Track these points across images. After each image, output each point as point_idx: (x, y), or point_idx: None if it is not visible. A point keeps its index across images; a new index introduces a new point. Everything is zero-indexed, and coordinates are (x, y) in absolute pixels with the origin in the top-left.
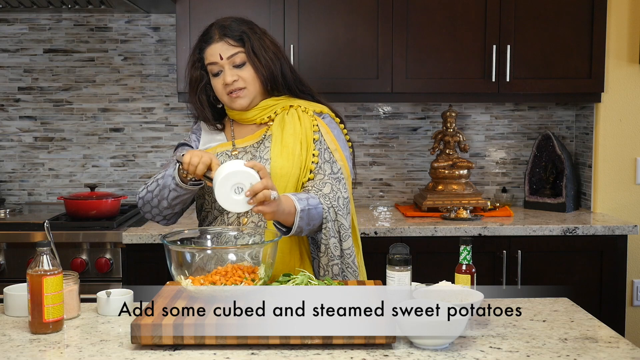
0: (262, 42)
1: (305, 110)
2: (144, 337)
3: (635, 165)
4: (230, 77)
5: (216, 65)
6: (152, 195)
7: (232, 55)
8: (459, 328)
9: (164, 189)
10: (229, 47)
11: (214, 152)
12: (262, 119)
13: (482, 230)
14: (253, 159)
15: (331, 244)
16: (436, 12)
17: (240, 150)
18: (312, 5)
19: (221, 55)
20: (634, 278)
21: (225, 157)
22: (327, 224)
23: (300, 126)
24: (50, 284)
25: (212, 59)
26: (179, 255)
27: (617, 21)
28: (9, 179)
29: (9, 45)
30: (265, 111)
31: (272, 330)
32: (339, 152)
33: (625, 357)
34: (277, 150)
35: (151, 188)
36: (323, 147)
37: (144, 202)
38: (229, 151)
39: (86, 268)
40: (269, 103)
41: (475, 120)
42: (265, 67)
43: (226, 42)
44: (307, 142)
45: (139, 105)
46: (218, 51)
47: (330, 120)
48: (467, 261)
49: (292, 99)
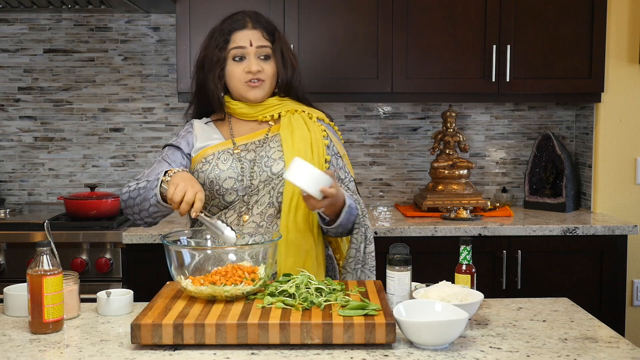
0: (287, 45)
1: (309, 116)
2: (144, 337)
3: (635, 165)
4: (255, 66)
5: (242, 49)
6: (134, 202)
7: (262, 46)
8: (459, 328)
9: (144, 201)
10: (260, 38)
11: (214, 151)
12: (264, 116)
13: (482, 230)
14: (257, 158)
15: (361, 248)
16: (436, 12)
17: (242, 149)
18: (312, 5)
19: (252, 42)
20: (634, 278)
21: (227, 155)
22: (360, 227)
23: (308, 131)
24: (50, 284)
25: (241, 43)
26: (179, 255)
27: (617, 21)
28: (9, 179)
29: (9, 45)
30: (268, 109)
31: (273, 330)
32: (345, 158)
33: (625, 357)
34: (290, 154)
35: (133, 194)
36: (332, 153)
37: (126, 205)
38: (231, 149)
39: (86, 268)
40: (274, 102)
41: (475, 120)
42: (286, 69)
43: (259, 32)
44: (317, 147)
45: (139, 105)
46: (249, 37)
47: (328, 126)
48: (467, 261)
49: (296, 103)
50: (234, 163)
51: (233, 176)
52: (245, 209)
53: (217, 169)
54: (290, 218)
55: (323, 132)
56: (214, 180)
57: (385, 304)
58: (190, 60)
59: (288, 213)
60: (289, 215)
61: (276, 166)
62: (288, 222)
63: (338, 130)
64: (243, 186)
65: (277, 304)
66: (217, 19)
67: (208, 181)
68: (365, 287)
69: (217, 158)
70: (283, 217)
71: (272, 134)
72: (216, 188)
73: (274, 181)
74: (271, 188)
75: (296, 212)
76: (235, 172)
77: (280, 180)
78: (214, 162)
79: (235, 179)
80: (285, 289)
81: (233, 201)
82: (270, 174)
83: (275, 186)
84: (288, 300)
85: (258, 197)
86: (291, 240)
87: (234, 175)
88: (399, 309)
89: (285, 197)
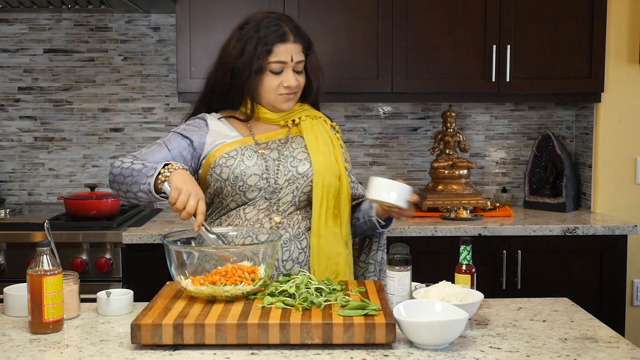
0: (317, 57)
1: (325, 122)
2: (144, 337)
3: (635, 165)
4: (294, 82)
5: (283, 65)
6: (123, 180)
7: (299, 62)
8: (459, 328)
9: (135, 184)
10: (299, 52)
11: (236, 147)
12: (286, 121)
13: (482, 230)
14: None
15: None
16: (436, 12)
17: (265, 147)
18: (312, 5)
19: (292, 58)
20: (634, 278)
21: (251, 152)
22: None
23: (329, 137)
24: (50, 284)
25: (283, 58)
26: (179, 255)
27: (617, 21)
28: (9, 179)
29: (9, 45)
30: (291, 115)
31: (273, 330)
32: (350, 164)
33: (625, 357)
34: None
35: (125, 172)
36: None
37: (114, 179)
38: (253, 146)
39: (86, 268)
40: (296, 108)
41: (475, 120)
42: (314, 80)
43: (299, 46)
44: (338, 152)
45: (139, 105)
46: (291, 52)
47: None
48: (467, 261)
49: (312, 109)
50: (258, 160)
51: (258, 173)
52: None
53: (243, 164)
54: (321, 224)
55: (339, 139)
56: (239, 175)
57: (385, 304)
58: (190, 60)
59: (319, 219)
60: (319, 221)
61: (302, 166)
62: (320, 227)
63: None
64: (267, 184)
65: (277, 304)
66: (217, 19)
67: (232, 176)
68: (365, 287)
69: (242, 154)
70: (314, 223)
71: (292, 135)
72: (240, 184)
73: (299, 181)
74: (295, 188)
75: (326, 218)
76: (260, 169)
77: (305, 181)
78: (238, 157)
79: (260, 176)
80: (285, 289)
81: (254, 198)
82: (296, 173)
83: (299, 186)
84: (288, 300)
85: (280, 196)
86: (323, 245)
87: (258, 172)
88: (399, 309)
89: (314, 203)
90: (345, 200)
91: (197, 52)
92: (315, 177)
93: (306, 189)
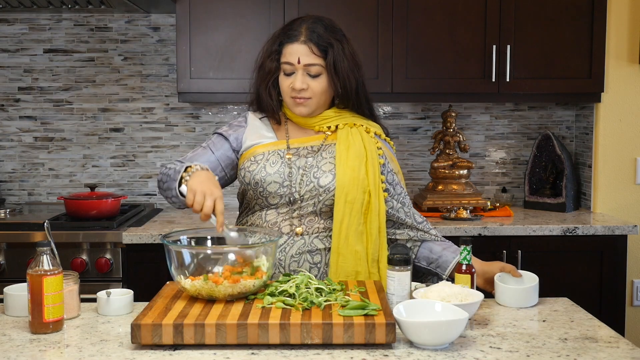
0: (345, 55)
1: (367, 131)
2: (144, 337)
3: (635, 165)
4: (300, 84)
5: (291, 66)
6: (163, 185)
7: (309, 65)
8: (459, 328)
9: (168, 189)
10: (309, 54)
11: (264, 151)
12: (320, 127)
13: (482, 230)
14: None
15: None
16: (436, 13)
17: (294, 153)
18: (312, 6)
19: (299, 60)
20: (634, 278)
21: (277, 158)
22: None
23: (364, 149)
24: (50, 284)
25: (290, 59)
26: (178, 255)
27: (617, 21)
28: (9, 179)
29: (9, 45)
30: (325, 121)
31: (273, 330)
32: (400, 174)
33: (625, 357)
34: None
35: (164, 178)
36: (387, 170)
37: (159, 185)
38: (282, 151)
39: (86, 268)
40: (331, 114)
41: (475, 120)
42: (342, 83)
43: (309, 48)
44: (373, 166)
45: (139, 105)
46: (298, 54)
47: (384, 142)
48: (467, 261)
49: (355, 116)
50: (281, 167)
51: (278, 181)
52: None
53: (264, 171)
54: (341, 241)
55: (379, 150)
56: (259, 182)
57: (385, 304)
58: (191, 60)
59: (339, 235)
60: (339, 238)
61: (324, 179)
62: (339, 245)
63: (393, 145)
64: (287, 192)
65: (277, 304)
66: (217, 19)
67: (253, 182)
68: (365, 287)
69: (266, 160)
70: (334, 240)
71: (327, 142)
72: (260, 190)
73: (321, 194)
74: (317, 200)
75: (347, 234)
76: (282, 177)
77: (327, 194)
78: (262, 163)
79: (280, 184)
80: (285, 289)
81: (276, 203)
82: (317, 185)
83: (321, 199)
84: (288, 300)
85: (302, 204)
86: (341, 262)
87: (279, 180)
88: (399, 309)
89: (335, 219)
90: (375, 217)
91: (197, 52)
92: (338, 191)
93: (328, 202)
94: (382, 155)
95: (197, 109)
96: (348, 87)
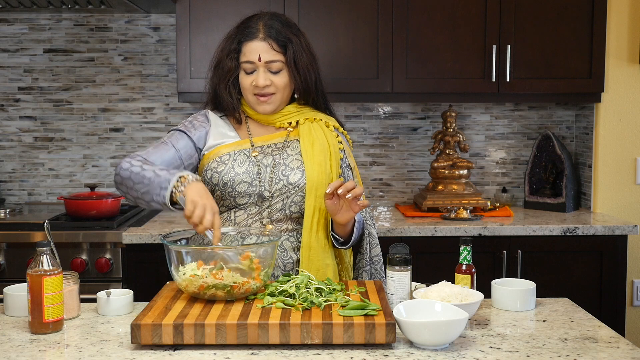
0: (303, 50)
1: (327, 124)
2: (144, 337)
3: (635, 165)
4: (263, 81)
5: (252, 64)
6: (132, 184)
7: (271, 61)
8: (459, 328)
9: (147, 194)
10: (270, 51)
11: (230, 151)
12: (282, 123)
13: (482, 230)
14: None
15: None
16: (436, 12)
17: (260, 152)
18: (312, 5)
19: (260, 57)
20: (634, 278)
21: (244, 157)
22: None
23: (327, 143)
24: (50, 284)
25: (250, 58)
26: (179, 255)
27: (617, 21)
28: (9, 179)
29: (9, 45)
30: (286, 117)
31: (273, 330)
32: (356, 170)
33: (625, 357)
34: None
35: (135, 178)
36: (344, 165)
37: (122, 181)
38: (247, 150)
39: (86, 268)
40: (292, 110)
41: (475, 120)
42: (302, 77)
43: (269, 45)
44: (335, 159)
45: (139, 105)
46: (258, 51)
47: (342, 135)
48: (467, 261)
49: (314, 111)
50: (249, 167)
51: (247, 180)
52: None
53: (233, 171)
54: (312, 236)
55: (339, 143)
56: (228, 182)
57: (385, 303)
58: (191, 60)
59: (310, 231)
60: (310, 233)
61: (293, 176)
62: (310, 240)
63: (350, 139)
64: (257, 192)
65: (277, 304)
66: (217, 19)
67: (222, 182)
68: (365, 287)
69: (234, 160)
70: (305, 235)
71: (290, 139)
72: (229, 190)
73: (290, 191)
74: (286, 197)
75: (317, 229)
76: (250, 176)
77: (296, 190)
78: (229, 163)
79: (249, 183)
80: (285, 289)
81: (244, 203)
82: (287, 183)
83: (290, 195)
84: (288, 300)
85: (271, 203)
86: (313, 256)
87: (248, 179)
88: (399, 309)
89: (306, 215)
90: None
91: (197, 52)
92: (308, 187)
93: (297, 199)
94: (342, 149)
95: (197, 109)
96: (309, 80)
